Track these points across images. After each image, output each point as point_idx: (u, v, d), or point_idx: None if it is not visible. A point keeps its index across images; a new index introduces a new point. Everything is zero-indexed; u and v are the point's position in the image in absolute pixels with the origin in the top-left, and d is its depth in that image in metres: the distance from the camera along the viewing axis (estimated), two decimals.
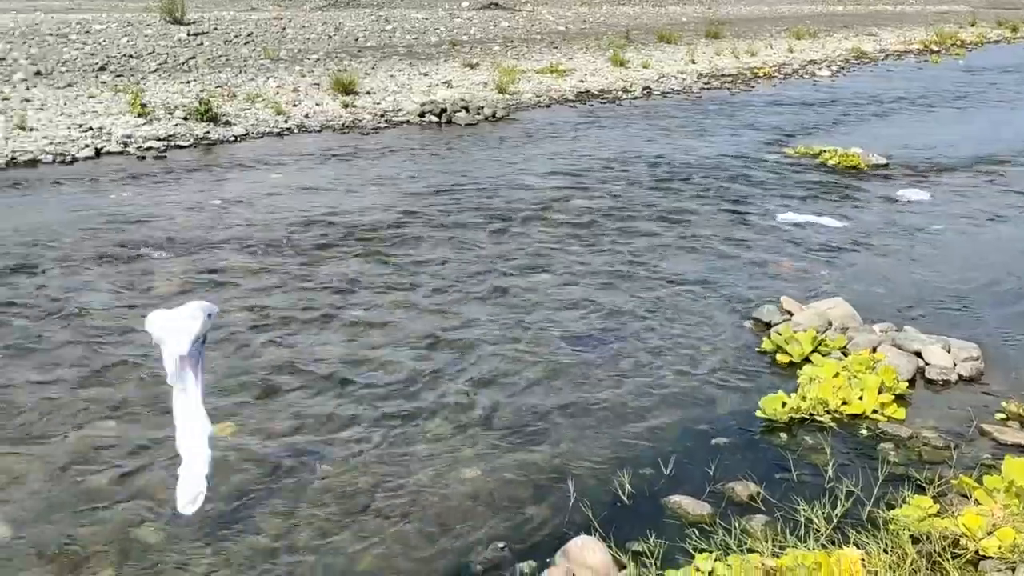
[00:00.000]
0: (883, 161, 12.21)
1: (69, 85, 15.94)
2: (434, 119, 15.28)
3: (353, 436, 4.86)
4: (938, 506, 4.04)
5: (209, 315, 3.77)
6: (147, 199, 10.13)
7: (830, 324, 6.21)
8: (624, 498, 4.25)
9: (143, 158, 12.10)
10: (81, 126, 12.95)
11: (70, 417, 5.02)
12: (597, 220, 9.39)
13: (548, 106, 17.37)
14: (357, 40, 24.59)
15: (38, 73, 16.65)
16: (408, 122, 15.18)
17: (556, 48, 25.58)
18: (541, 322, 6.55)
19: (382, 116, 15.37)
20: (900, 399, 5.26)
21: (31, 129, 12.62)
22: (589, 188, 10.89)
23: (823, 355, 5.79)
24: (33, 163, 11.49)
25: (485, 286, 7.31)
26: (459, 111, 15.43)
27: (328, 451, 4.70)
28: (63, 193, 10.29)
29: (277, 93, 16.38)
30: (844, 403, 5.14)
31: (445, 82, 18.64)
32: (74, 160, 11.73)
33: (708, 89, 20.31)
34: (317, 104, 15.81)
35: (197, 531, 3.99)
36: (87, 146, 12.10)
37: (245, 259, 7.97)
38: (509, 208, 9.89)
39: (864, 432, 4.94)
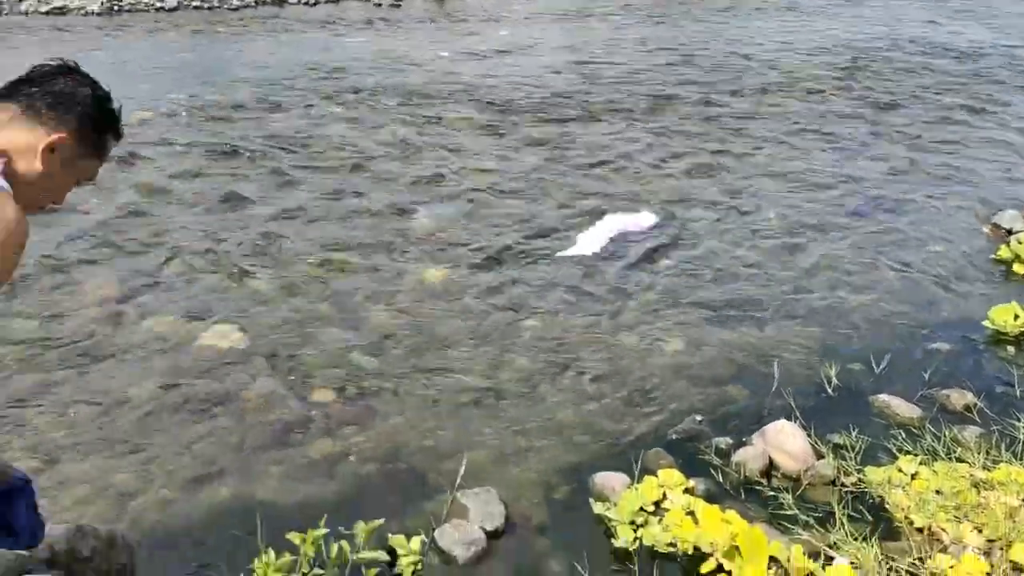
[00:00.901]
0: None
1: None
2: None
3: (564, 296, 4.96)
4: None
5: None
6: (380, 45, 10.43)
7: None
8: (829, 390, 4.15)
9: (379, 5, 12.41)
10: None
11: (306, 243, 5.37)
12: (857, 101, 8.91)
13: None
14: None
15: None
16: None
17: None
18: (764, 200, 6.38)
19: None
20: None
21: None
22: (850, 67, 10.30)
23: None
24: (279, 2, 12.00)
25: (716, 159, 7.15)
26: None
27: (539, 306, 4.82)
28: (305, 33, 10.74)
29: None
30: None
31: None
32: (316, 3, 12.16)
33: None
34: None
35: (407, 362, 4.23)
36: None
37: (468, 111, 8.12)
38: (764, 81, 9.53)
39: None
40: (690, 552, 3.09)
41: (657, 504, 3.30)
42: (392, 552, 2.90)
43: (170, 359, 4.16)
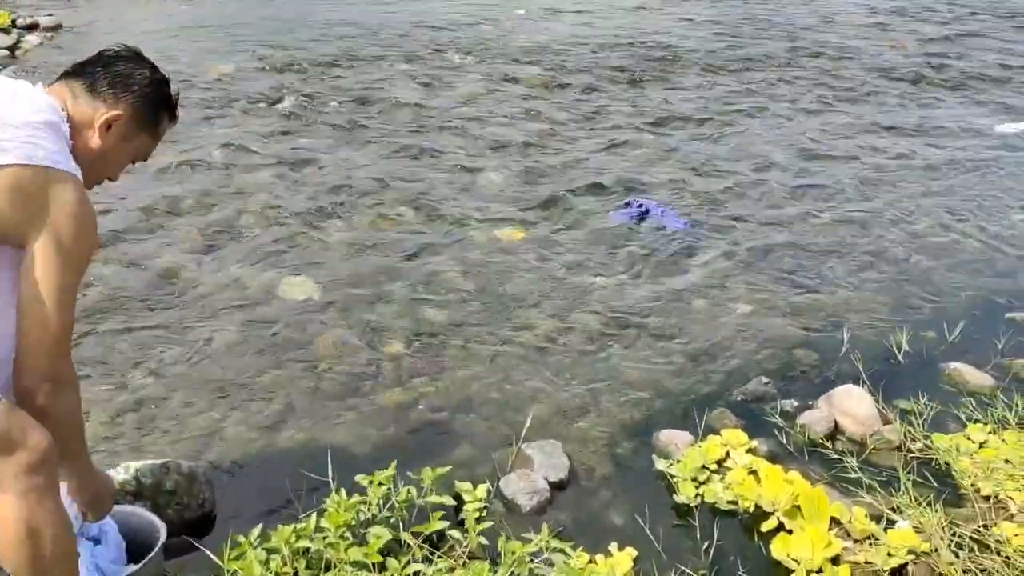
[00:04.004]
0: None
1: None
2: None
3: (628, 255, 4.98)
4: None
5: None
6: (457, 6, 10.44)
7: None
8: (899, 357, 4.11)
9: None
10: None
11: (375, 201, 5.47)
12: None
13: None
14: None
15: None
16: None
17: None
18: (836, 163, 6.30)
19: None
20: None
21: None
22: None
23: None
24: None
25: (791, 120, 7.06)
26: None
27: (605, 263, 4.85)
28: None
29: None
30: None
31: None
32: None
33: None
34: None
35: (478, 318, 4.31)
36: None
37: (539, 71, 8.12)
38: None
39: None
40: (751, 511, 3.12)
41: (720, 463, 3.34)
42: (458, 498, 2.99)
43: (248, 307, 4.30)
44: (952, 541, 2.93)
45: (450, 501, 2.91)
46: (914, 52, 9.21)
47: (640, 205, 5.44)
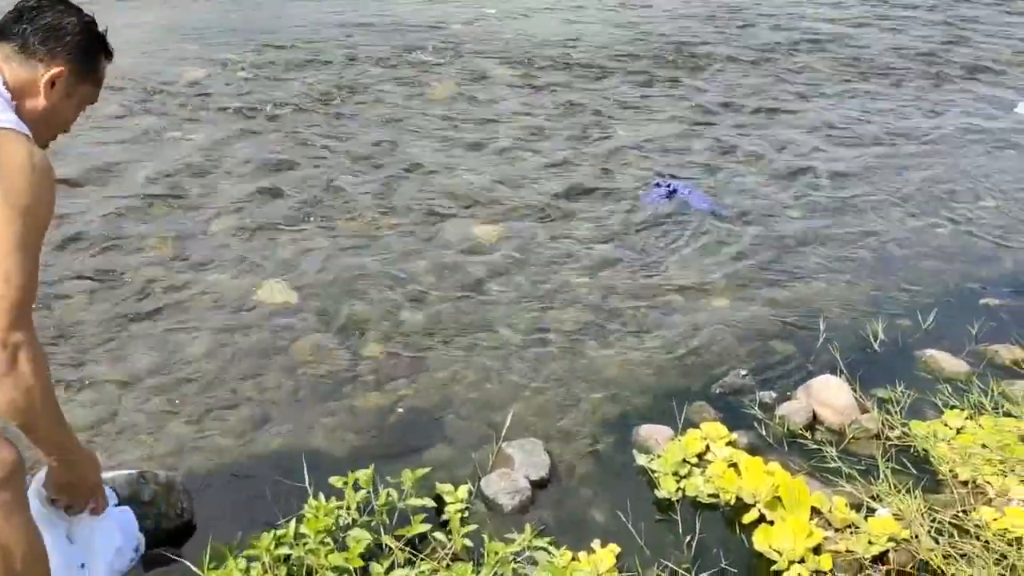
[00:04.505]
0: None
1: None
2: None
3: (608, 251, 4.98)
4: None
5: None
6: (427, 6, 10.43)
7: None
8: (875, 346, 4.14)
9: None
10: None
11: (354, 202, 5.44)
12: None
13: None
14: None
15: None
16: None
17: None
18: (811, 155, 6.33)
19: None
20: None
21: None
22: None
23: None
24: None
25: (760, 114, 7.09)
26: None
27: (584, 261, 4.85)
28: None
29: None
30: None
31: None
32: None
33: None
34: None
35: (463, 324, 4.28)
36: None
37: (511, 69, 8.11)
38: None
39: None
40: (732, 503, 3.13)
41: (700, 456, 3.35)
42: (439, 500, 2.98)
43: (224, 313, 4.26)
44: (932, 527, 2.95)
45: (431, 503, 2.90)
46: (909, 43, 9.26)
47: (669, 185, 5.58)
